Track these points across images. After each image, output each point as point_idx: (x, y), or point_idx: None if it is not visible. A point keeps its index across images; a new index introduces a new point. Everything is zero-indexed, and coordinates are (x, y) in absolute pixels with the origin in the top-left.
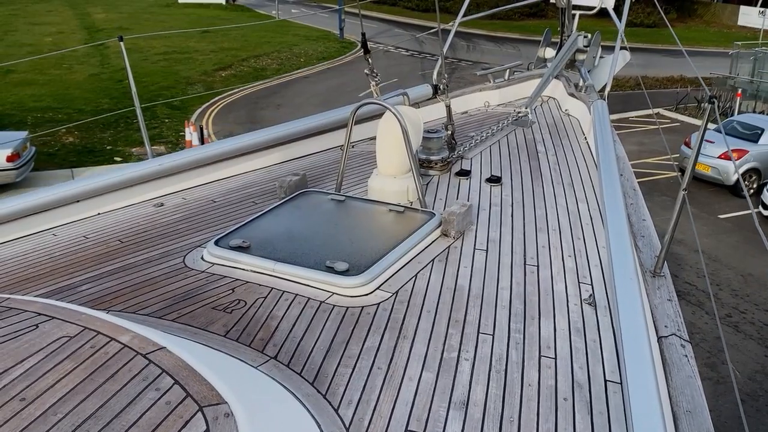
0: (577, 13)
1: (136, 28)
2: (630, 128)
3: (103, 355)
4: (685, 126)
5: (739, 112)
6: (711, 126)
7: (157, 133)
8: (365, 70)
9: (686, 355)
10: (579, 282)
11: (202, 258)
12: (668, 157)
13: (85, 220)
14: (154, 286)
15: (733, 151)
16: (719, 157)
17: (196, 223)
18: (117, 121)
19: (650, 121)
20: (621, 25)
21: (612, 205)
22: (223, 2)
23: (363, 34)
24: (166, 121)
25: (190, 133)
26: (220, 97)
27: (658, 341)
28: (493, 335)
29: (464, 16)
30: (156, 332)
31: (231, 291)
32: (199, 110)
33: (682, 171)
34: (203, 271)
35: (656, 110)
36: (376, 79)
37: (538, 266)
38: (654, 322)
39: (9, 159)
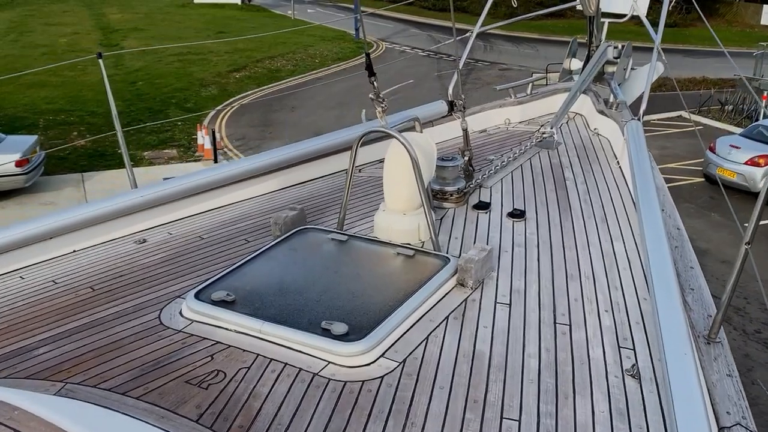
0: (607, 21)
1: (151, 29)
2: (652, 131)
3: None
4: (708, 129)
5: (764, 116)
6: (737, 130)
7: (170, 137)
8: (370, 95)
9: None
10: (619, 346)
11: (180, 313)
12: (695, 161)
13: (57, 260)
14: (123, 350)
15: (759, 156)
16: (745, 164)
17: (180, 265)
18: (129, 123)
19: (673, 124)
20: (657, 37)
21: (656, 251)
22: (239, 2)
23: (367, 55)
24: (179, 124)
25: (203, 137)
26: (233, 99)
27: None
28: (519, 420)
29: (482, 25)
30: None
31: (210, 358)
32: (212, 113)
33: (706, 177)
34: (180, 331)
35: (679, 113)
36: (383, 105)
37: (570, 325)
38: (713, 406)
39: (18, 164)
